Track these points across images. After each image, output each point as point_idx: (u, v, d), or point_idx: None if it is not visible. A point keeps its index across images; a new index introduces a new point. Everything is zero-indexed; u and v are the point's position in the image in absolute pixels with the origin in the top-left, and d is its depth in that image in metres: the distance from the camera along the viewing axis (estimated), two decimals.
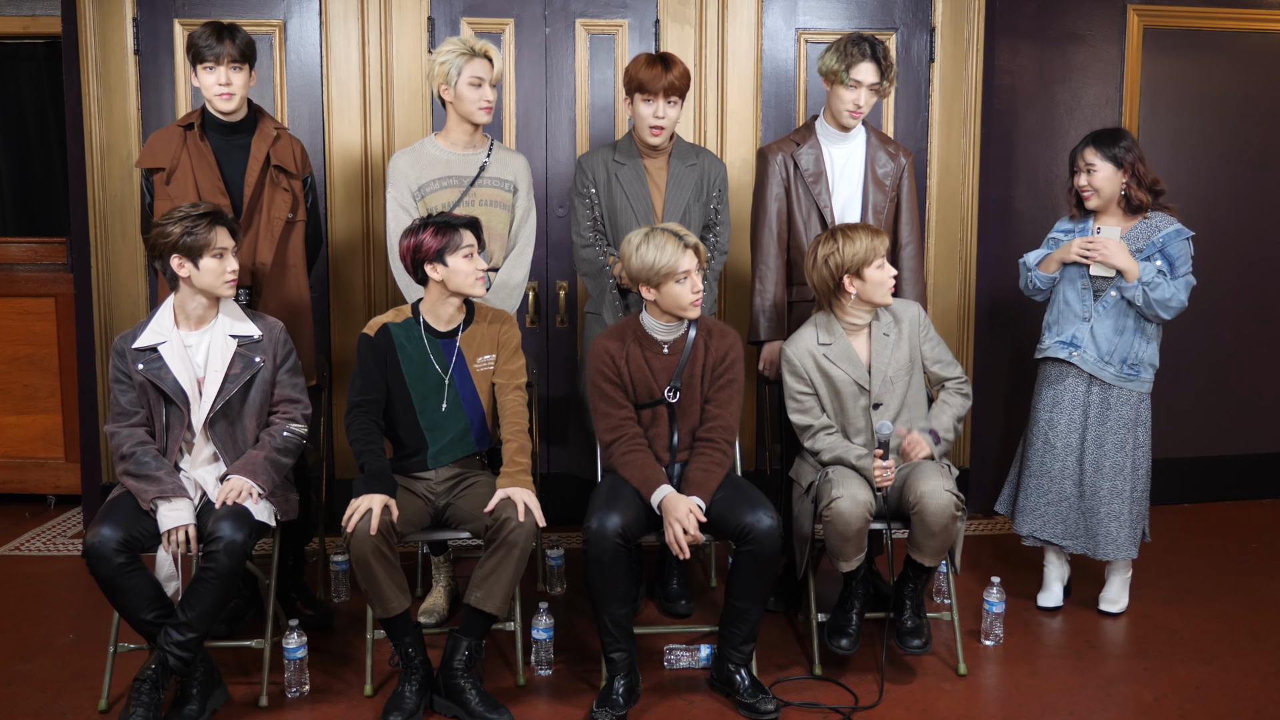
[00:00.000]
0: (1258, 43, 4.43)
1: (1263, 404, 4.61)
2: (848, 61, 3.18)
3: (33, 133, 5.03)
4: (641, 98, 3.22)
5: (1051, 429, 3.36)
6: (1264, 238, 4.53)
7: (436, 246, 2.81)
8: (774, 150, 3.34)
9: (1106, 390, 3.31)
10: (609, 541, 2.68)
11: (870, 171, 3.34)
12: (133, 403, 2.79)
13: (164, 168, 3.10)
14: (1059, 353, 3.34)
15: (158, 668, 2.62)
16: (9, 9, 4.47)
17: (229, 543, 2.60)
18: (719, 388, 2.94)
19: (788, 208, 3.33)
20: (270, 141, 3.17)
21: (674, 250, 2.81)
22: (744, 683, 2.81)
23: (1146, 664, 3.09)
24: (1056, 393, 3.36)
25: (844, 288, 2.99)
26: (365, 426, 2.85)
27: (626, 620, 2.78)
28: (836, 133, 3.33)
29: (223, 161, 3.13)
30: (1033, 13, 4.28)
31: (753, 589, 2.77)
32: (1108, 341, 3.29)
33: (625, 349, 2.93)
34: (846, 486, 2.85)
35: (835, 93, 3.25)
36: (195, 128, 3.14)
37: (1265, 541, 4.15)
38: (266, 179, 3.15)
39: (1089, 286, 3.30)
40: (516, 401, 2.95)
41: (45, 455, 4.45)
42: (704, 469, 2.86)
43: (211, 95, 3.09)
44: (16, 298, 4.39)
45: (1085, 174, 3.30)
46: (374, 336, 2.91)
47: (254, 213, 3.15)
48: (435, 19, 4.02)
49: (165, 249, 2.74)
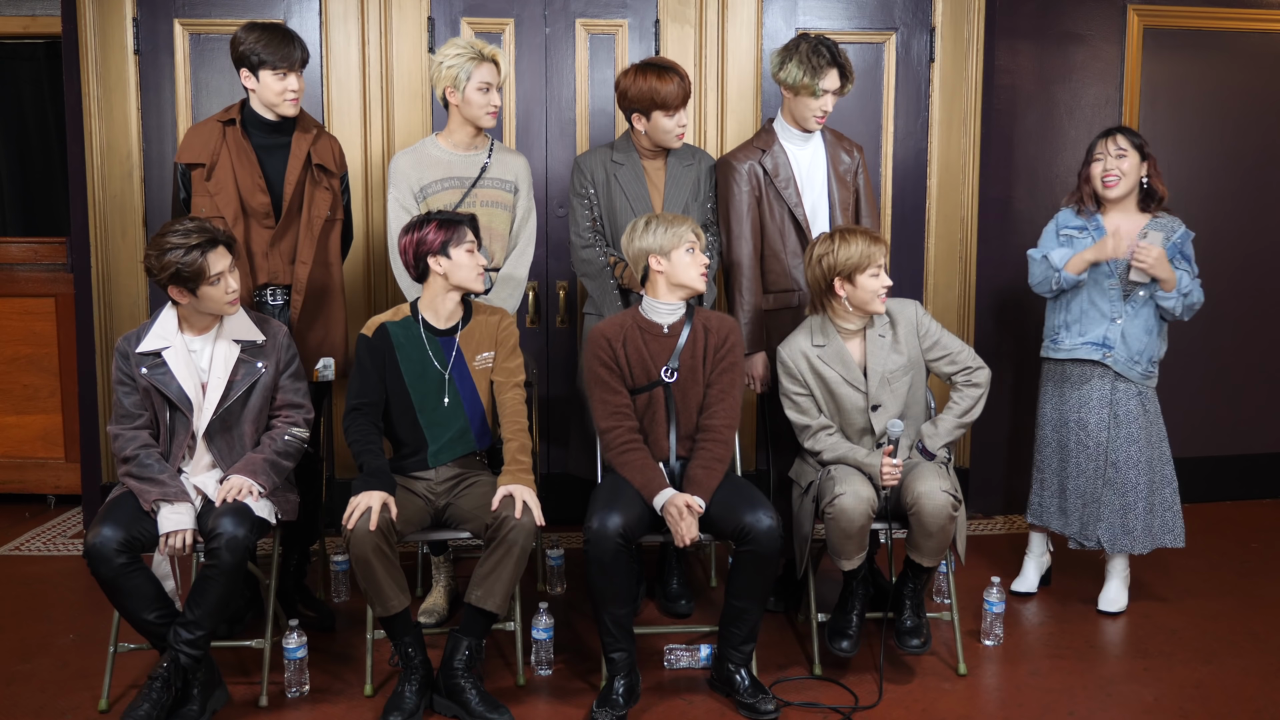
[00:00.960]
0: (1258, 43, 4.42)
1: (1263, 404, 4.61)
2: (815, 73, 3.18)
3: (33, 133, 5.02)
4: (664, 113, 3.21)
5: (1083, 429, 3.36)
6: (1264, 237, 4.52)
7: (441, 240, 2.83)
8: (739, 158, 3.33)
9: (1129, 388, 3.32)
10: (610, 541, 2.68)
11: (833, 170, 3.36)
12: (136, 405, 2.79)
13: (204, 163, 3.08)
14: (1091, 354, 3.32)
15: (170, 666, 2.62)
16: (9, 9, 4.47)
17: (230, 538, 2.61)
18: (720, 371, 2.94)
19: (759, 216, 3.32)
20: (311, 140, 3.16)
21: (682, 224, 2.89)
22: (744, 683, 2.81)
23: (1146, 664, 3.09)
24: (1083, 393, 3.35)
25: (834, 290, 2.99)
26: (364, 428, 2.85)
27: (627, 620, 2.78)
28: (798, 135, 3.33)
29: (263, 159, 3.12)
30: (1033, 13, 4.28)
31: (752, 589, 2.77)
32: (1138, 341, 3.31)
33: (623, 333, 2.94)
34: (849, 484, 2.85)
35: (801, 102, 3.24)
36: (237, 124, 3.12)
37: (1265, 541, 4.15)
38: (308, 178, 3.15)
39: (1116, 287, 3.30)
40: (515, 399, 2.95)
41: (45, 455, 4.45)
42: (704, 465, 2.86)
43: (279, 101, 3.08)
44: (16, 298, 4.39)
45: (1113, 159, 3.29)
46: (372, 337, 2.91)
47: (295, 212, 3.14)
48: (435, 19, 4.02)
49: (161, 280, 2.71)
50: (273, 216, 3.11)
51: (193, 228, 2.72)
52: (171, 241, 2.68)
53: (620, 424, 2.90)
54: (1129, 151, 3.29)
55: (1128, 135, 3.31)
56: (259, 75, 3.06)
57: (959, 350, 3.09)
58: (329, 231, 3.20)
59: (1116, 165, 3.29)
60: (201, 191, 3.09)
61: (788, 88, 3.25)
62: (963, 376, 3.08)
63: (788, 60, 3.22)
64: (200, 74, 3.98)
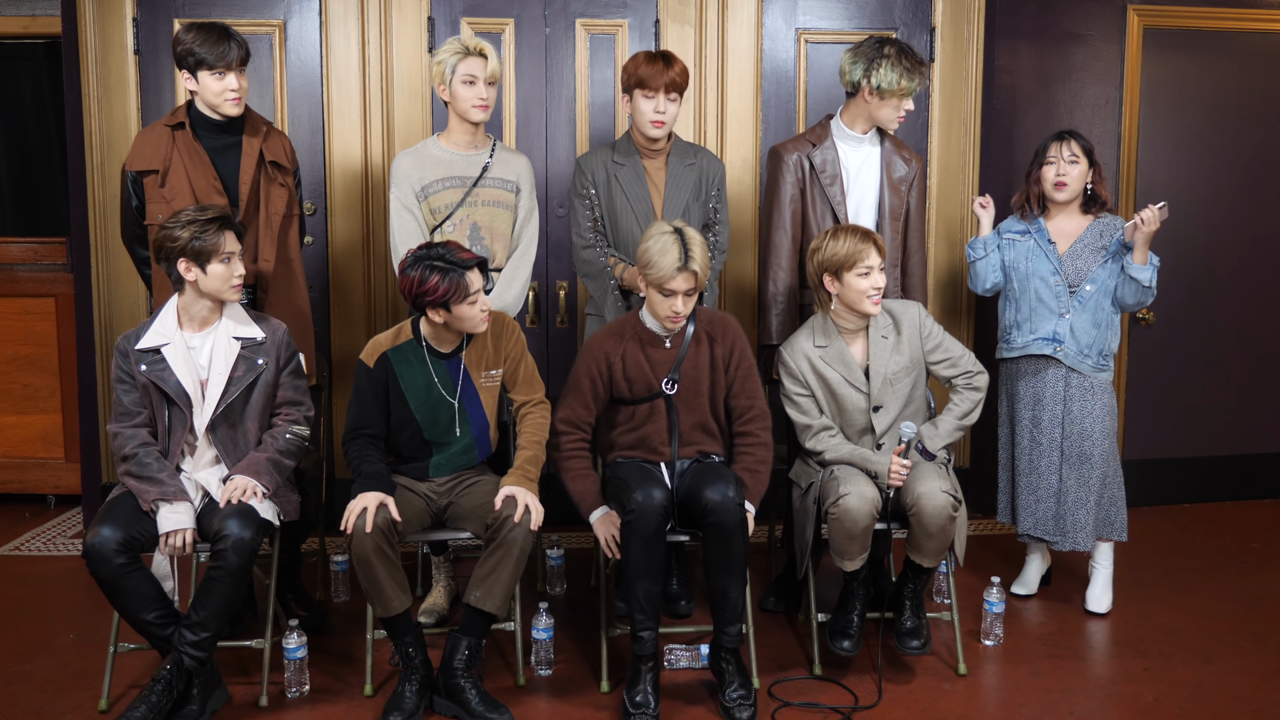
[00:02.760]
0: (1258, 43, 4.42)
1: (1263, 404, 4.61)
2: (910, 74, 3.16)
3: (33, 133, 5.02)
4: (643, 93, 3.21)
5: (1037, 426, 3.41)
6: (1264, 237, 4.52)
7: (442, 294, 2.72)
8: (789, 149, 3.34)
9: (1082, 380, 3.36)
10: (655, 515, 2.70)
11: (886, 175, 3.34)
12: (135, 403, 2.79)
13: (156, 170, 3.06)
14: (1042, 349, 3.38)
15: (173, 668, 2.62)
16: (9, 9, 4.47)
17: (237, 540, 2.60)
18: (742, 377, 2.96)
19: (802, 208, 3.32)
20: (262, 138, 3.16)
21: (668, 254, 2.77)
22: (730, 683, 2.79)
23: (1146, 664, 3.09)
24: (1037, 389, 3.41)
25: (824, 286, 2.99)
26: (362, 446, 2.84)
27: (659, 599, 2.79)
28: (853, 135, 3.32)
29: (216, 160, 3.10)
30: (1033, 13, 4.27)
31: (724, 564, 2.75)
32: (1086, 334, 3.36)
33: (623, 346, 2.93)
34: (854, 484, 2.85)
35: (887, 104, 3.21)
36: (186, 126, 3.10)
37: (1265, 541, 4.15)
38: (262, 176, 3.14)
39: (1063, 283, 3.36)
40: (540, 415, 2.94)
41: (45, 455, 4.45)
42: (748, 469, 2.92)
43: (221, 101, 3.05)
44: (16, 298, 4.39)
45: (1065, 164, 3.37)
46: (372, 369, 2.87)
47: (253, 211, 3.13)
48: (435, 19, 4.02)
49: (173, 253, 2.72)
50: None
51: (209, 209, 2.78)
52: (189, 216, 2.75)
53: (574, 431, 2.95)
54: (1080, 158, 3.37)
55: (1079, 141, 3.39)
56: (198, 76, 3.04)
57: (960, 354, 3.09)
58: (287, 228, 3.20)
59: (1068, 171, 3.37)
60: (156, 198, 3.07)
61: (875, 91, 3.20)
62: (963, 380, 3.09)
63: (876, 64, 3.17)
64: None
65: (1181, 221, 4.16)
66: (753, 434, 2.95)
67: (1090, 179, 3.41)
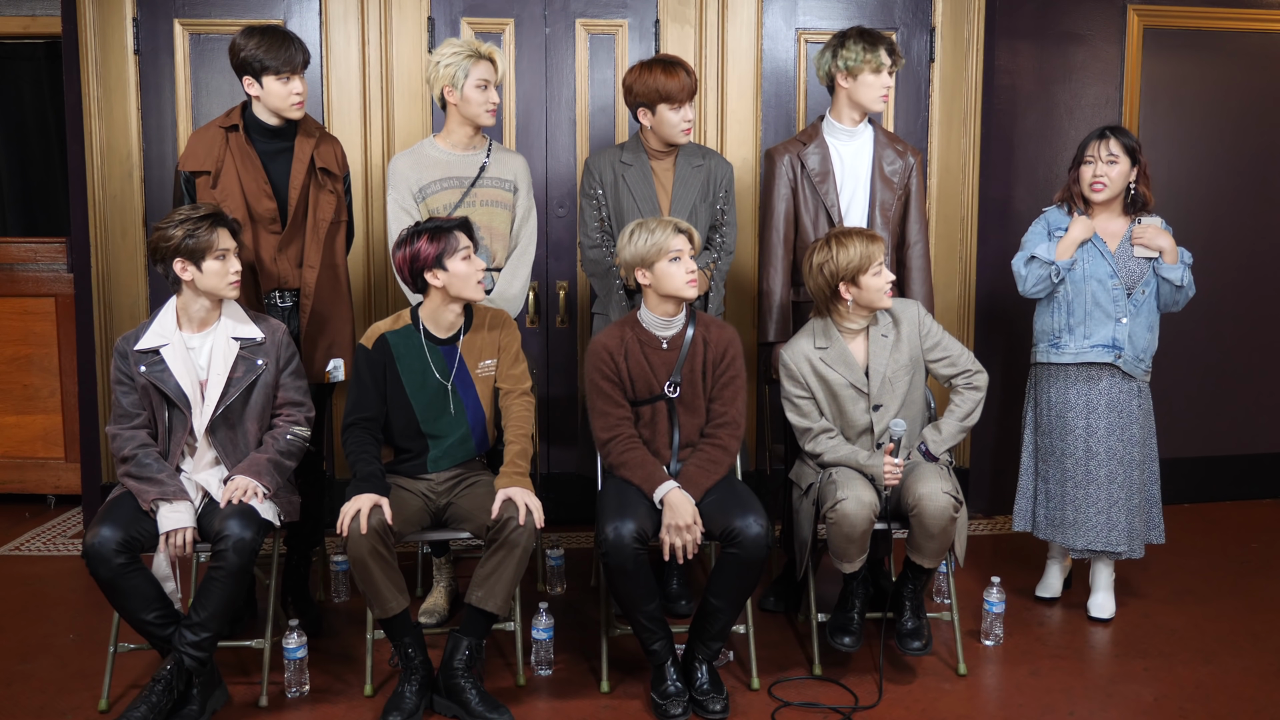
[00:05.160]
0: (1258, 43, 4.42)
1: (1263, 404, 4.61)
2: (872, 50, 3.20)
3: (33, 133, 5.02)
4: (669, 107, 3.21)
5: (1092, 435, 3.29)
6: (1264, 237, 4.52)
7: (434, 252, 2.79)
8: (780, 151, 3.34)
9: (1132, 385, 3.30)
10: (628, 549, 2.68)
11: (877, 169, 3.33)
12: (135, 404, 2.79)
13: (209, 171, 3.06)
14: (1102, 357, 3.27)
15: (173, 669, 2.62)
16: (9, 9, 4.47)
17: (238, 540, 2.61)
18: (723, 385, 2.95)
19: (795, 209, 3.32)
20: (314, 143, 3.14)
21: (663, 231, 2.84)
22: (702, 679, 2.80)
23: (1146, 664, 3.09)
24: (1091, 397, 3.29)
25: (840, 295, 2.99)
26: (360, 439, 2.84)
27: (659, 612, 2.79)
28: (844, 131, 3.32)
29: (267, 164, 3.10)
30: (1033, 13, 4.27)
31: (731, 592, 2.76)
32: (1142, 339, 3.30)
33: (624, 346, 2.93)
34: (851, 488, 2.85)
35: (863, 84, 3.23)
36: (240, 130, 3.09)
37: (1265, 541, 4.15)
38: (312, 182, 3.13)
39: (1120, 285, 3.27)
40: (523, 407, 2.94)
41: (45, 455, 4.45)
42: (699, 465, 2.87)
43: (285, 105, 3.04)
44: (16, 298, 4.39)
45: (1103, 164, 3.26)
46: (371, 350, 2.88)
47: (301, 216, 3.12)
48: (435, 19, 4.02)
49: (167, 253, 2.73)
50: (279, 222, 3.10)
51: (201, 207, 2.80)
52: (181, 214, 2.76)
53: (619, 433, 2.90)
54: (1120, 158, 3.25)
55: (1120, 138, 3.26)
56: (262, 81, 3.03)
57: (959, 353, 3.08)
58: (334, 234, 3.19)
59: (1106, 172, 3.26)
60: (208, 199, 3.07)
61: (846, 73, 3.24)
62: (963, 379, 3.08)
63: (840, 48, 3.23)
64: (200, 74, 3.98)
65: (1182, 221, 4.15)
66: (719, 439, 2.92)
67: (1133, 178, 3.28)
